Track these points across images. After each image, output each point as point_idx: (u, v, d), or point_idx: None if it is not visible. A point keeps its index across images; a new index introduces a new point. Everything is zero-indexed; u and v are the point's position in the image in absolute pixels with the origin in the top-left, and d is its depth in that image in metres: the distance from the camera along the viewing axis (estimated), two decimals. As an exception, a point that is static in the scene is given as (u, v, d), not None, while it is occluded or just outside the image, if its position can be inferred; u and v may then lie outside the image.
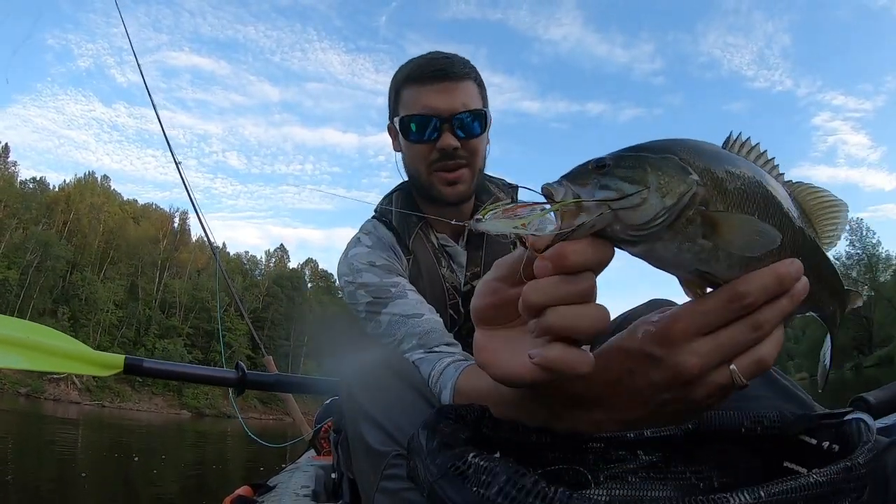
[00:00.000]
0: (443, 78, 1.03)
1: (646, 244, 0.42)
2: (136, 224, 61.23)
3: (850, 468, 0.42)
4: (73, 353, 1.46)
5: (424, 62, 1.06)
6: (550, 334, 0.43)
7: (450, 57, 1.07)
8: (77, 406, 38.09)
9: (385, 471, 0.70)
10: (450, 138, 1.03)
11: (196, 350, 53.28)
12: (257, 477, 1.85)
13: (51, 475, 6.95)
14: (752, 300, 0.43)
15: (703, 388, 0.46)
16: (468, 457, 0.43)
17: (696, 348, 0.44)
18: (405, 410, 0.76)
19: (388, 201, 1.19)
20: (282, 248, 73.44)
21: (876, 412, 0.70)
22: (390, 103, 1.13)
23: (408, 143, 1.07)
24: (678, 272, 0.45)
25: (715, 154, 0.46)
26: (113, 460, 9.87)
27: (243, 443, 4.87)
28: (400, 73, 1.10)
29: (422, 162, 1.07)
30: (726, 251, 0.42)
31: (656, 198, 0.41)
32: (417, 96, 1.04)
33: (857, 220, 48.68)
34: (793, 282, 0.44)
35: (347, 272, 1.06)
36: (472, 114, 1.05)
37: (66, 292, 51.20)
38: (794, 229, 0.48)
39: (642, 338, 0.47)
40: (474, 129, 1.05)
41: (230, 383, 1.70)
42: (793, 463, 0.55)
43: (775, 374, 0.79)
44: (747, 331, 0.44)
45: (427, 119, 1.03)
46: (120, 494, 6.50)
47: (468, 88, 1.06)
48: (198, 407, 47.30)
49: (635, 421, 0.51)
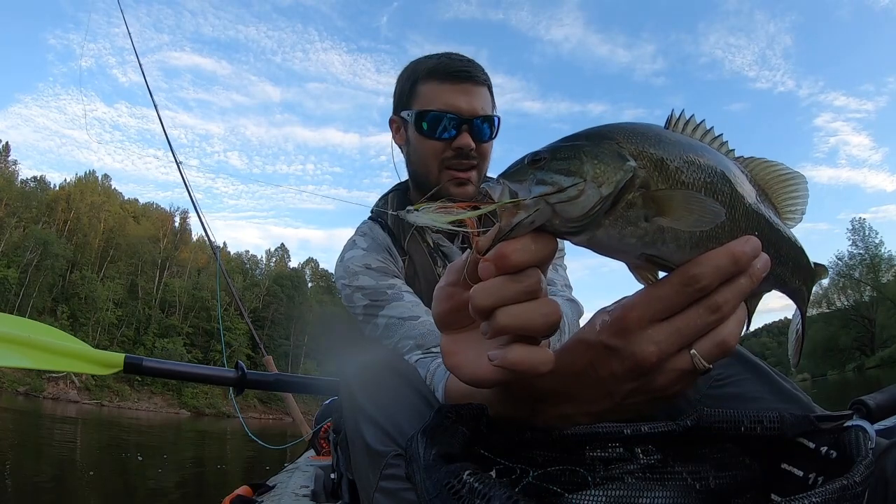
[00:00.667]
0: (466, 80, 1.05)
1: (587, 233, 0.42)
2: (136, 223, 61.19)
3: (847, 487, 0.42)
4: (74, 352, 1.46)
5: (448, 61, 1.07)
6: (503, 335, 0.43)
7: (471, 61, 1.08)
8: (76, 405, 38.04)
9: (384, 471, 0.70)
10: (468, 138, 1.05)
11: (196, 349, 53.24)
12: (257, 477, 1.85)
13: (49, 474, 6.94)
14: (706, 282, 0.42)
15: (665, 376, 0.45)
16: (463, 475, 0.43)
17: (652, 336, 0.44)
18: (404, 410, 0.76)
19: (383, 202, 1.20)
20: (282, 248, 73.50)
21: (875, 415, 0.71)
22: (402, 96, 1.12)
23: (420, 137, 1.07)
24: (626, 258, 0.45)
25: (654, 135, 0.45)
26: (111, 459, 9.87)
27: (243, 442, 4.87)
28: (420, 67, 1.10)
29: (434, 158, 1.07)
30: (673, 232, 0.42)
31: (593, 188, 0.40)
32: (438, 93, 1.05)
33: (860, 220, 48.38)
34: (749, 260, 0.43)
35: (344, 275, 1.06)
36: (488, 120, 1.07)
37: (65, 291, 51.20)
38: (747, 205, 0.47)
39: (600, 329, 0.46)
40: (489, 134, 1.08)
41: (230, 382, 1.70)
42: (790, 465, 0.55)
43: (775, 376, 0.79)
44: (705, 314, 0.43)
45: (448, 117, 1.04)
46: (119, 493, 6.50)
47: (485, 95, 1.08)
48: (197, 406, 47.27)
49: (604, 413, 0.51)
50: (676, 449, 0.61)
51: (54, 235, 51.27)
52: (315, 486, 1.50)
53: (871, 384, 23.17)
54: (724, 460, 0.59)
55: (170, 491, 6.75)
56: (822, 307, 48.84)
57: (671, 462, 0.61)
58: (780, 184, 0.53)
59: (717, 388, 0.80)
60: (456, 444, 0.50)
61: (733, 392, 0.79)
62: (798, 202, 0.54)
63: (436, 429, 0.52)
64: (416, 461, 0.49)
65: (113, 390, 45.98)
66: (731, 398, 0.78)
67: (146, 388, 48.16)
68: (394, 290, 1.01)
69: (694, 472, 0.58)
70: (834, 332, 46.12)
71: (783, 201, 0.53)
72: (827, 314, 48.15)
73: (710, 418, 0.59)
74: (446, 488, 0.43)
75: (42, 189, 58.26)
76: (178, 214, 64.74)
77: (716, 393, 0.80)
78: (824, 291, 48.80)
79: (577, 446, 0.56)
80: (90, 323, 49.40)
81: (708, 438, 0.60)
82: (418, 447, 0.50)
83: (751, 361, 0.82)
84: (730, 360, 0.82)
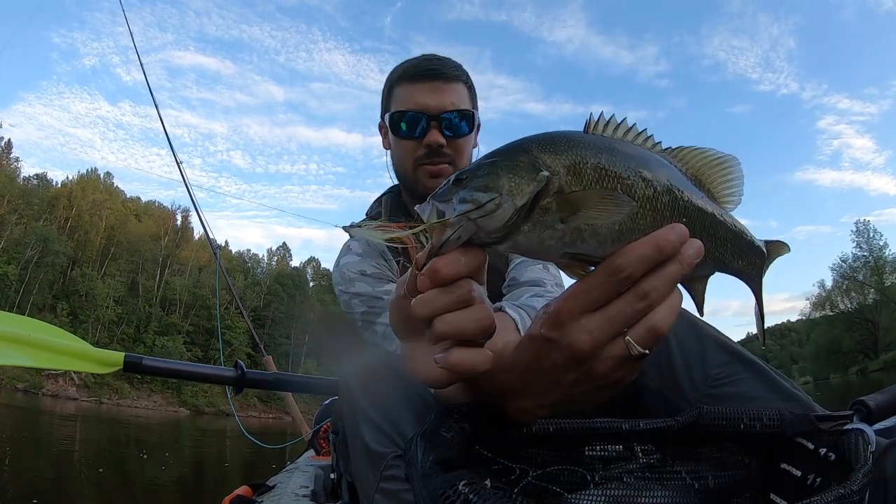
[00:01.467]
0: (434, 77, 1.06)
1: (509, 241, 0.46)
2: (137, 221, 61.24)
3: (844, 496, 0.42)
4: (74, 351, 1.46)
5: (417, 62, 1.09)
6: (442, 340, 0.47)
7: (442, 59, 1.10)
8: (75, 402, 38.07)
9: (384, 472, 0.70)
10: (436, 135, 1.05)
11: (196, 348, 53.30)
12: (257, 477, 1.85)
13: (48, 471, 6.95)
14: (629, 271, 0.44)
15: (603, 363, 0.47)
16: (459, 485, 0.44)
17: (585, 325, 0.46)
18: (404, 410, 0.76)
19: (377, 204, 1.21)
20: (284, 247, 73.54)
21: (875, 416, 0.71)
22: (383, 101, 1.16)
23: (396, 138, 1.09)
24: (551, 258, 0.48)
25: (568, 141, 0.47)
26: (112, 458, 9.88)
27: (243, 442, 4.93)
28: (393, 73, 1.13)
29: (408, 157, 1.09)
30: (591, 229, 0.45)
31: (508, 201, 0.44)
32: (409, 94, 1.07)
33: (864, 222, 47.89)
34: (676, 247, 0.44)
35: (340, 281, 1.07)
36: (459, 113, 1.07)
37: (66, 288, 51.25)
38: (673, 193, 0.49)
39: (539, 323, 0.49)
40: (461, 129, 1.08)
41: (229, 381, 1.71)
42: (789, 465, 0.55)
43: (774, 376, 0.79)
44: (634, 301, 0.45)
45: (416, 115, 1.05)
46: (119, 492, 6.50)
47: (458, 90, 1.09)
48: (196, 405, 47.30)
49: (556, 404, 0.54)
50: (676, 448, 0.61)
51: (55, 232, 51.30)
52: (315, 486, 1.50)
53: (874, 387, 22.79)
54: (723, 459, 0.60)
55: (170, 489, 6.75)
56: (826, 310, 48.52)
57: (670, 461, 0.61)
58: (712, 169, 0.55)
59: (717, 388, 0.80)
60: (455, 447, 0.51)
61: (732, 391, 0.79)
62: (733, 185, 0.55)
63: (435, 432, 0.52)
64: (414, 465, 0.49)
65: (112, 388, 46.01)
66: (731, 397, 0.78)
67: (146, 387, 48.18)
68: (390, 296, 1.01)
69: (693, 472, 0.59)
70: (837, 334, 45.73)
71: (718, 186, 0.55)
72: (830, 317, 47.77)
73: (710, 416, 0.59)
74: (442, 498, 0.44)
75: (44, 186, 58.32)
76: (179, 212, 64.85)
77: (715, 392, 0.80)
78: (827, 294, 48.49)
79: (575, 443, 0.56)
80: (90, 320, 49.45)
81: (707, 437, 0.60)
82: (416, 451, 0.50)
83: (750, 361, 0.82)
84: (729, 360, 0.82)
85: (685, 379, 0.83)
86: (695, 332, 0.88)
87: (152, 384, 48.21)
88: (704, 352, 0.84)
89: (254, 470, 7.59)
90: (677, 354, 0.86)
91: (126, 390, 46.89)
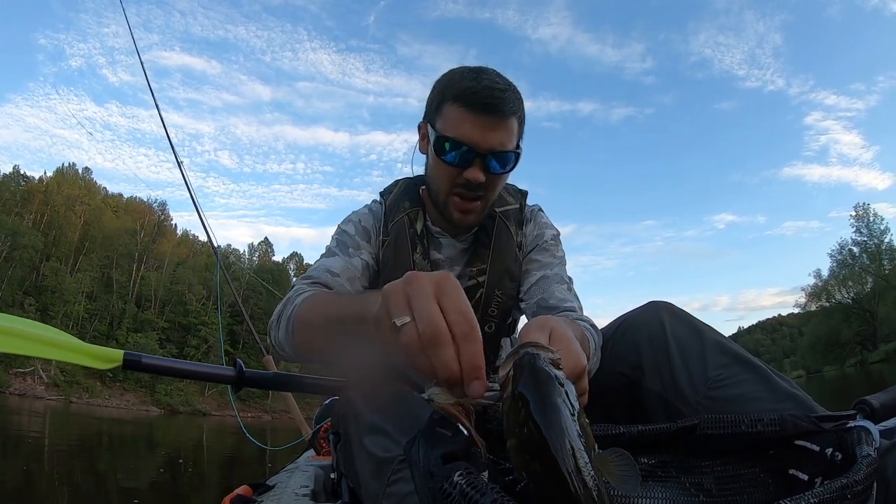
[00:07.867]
0: (493, 112, 1.00)
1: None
2: (115, 216, 59.41)
3: (847, 486, 0.44)
4: (73, 346, 1.44)
5: (478, 88, 1.01)
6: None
7: (503, 90, 1.02)
8: (41, 401, 36.74)
9: (391, 476, 0.67)
10: (478, 172, 1.03)
11: (171, 345, 51.89)
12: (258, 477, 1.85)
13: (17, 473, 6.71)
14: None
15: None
16: (454, 476, 0.45)
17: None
18: (404, 412, 0.73)
19: (393, 184, 1.25)
20: (266, 242, 72.14)
21: (879, 415, 0.71)
22: (430, 107, 1.10)
23: (436, 157, 1.06)
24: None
25: None
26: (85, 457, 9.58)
27: (243, 441, 4.74)
28: (451, 85, 1.05)
29: (445, 181, 1.07)
30: None
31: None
32: (460, 120, 1.02)
33: (864, 205, 44.48)
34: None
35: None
36: (506, 154, 1.04)
37: (36, 283, 49.42)
38: None
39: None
40: (503, 168, 1.06)
41: (228, 381, 1.68)
42: (797, 470, 0.56)
43: (773, 375, 0.80)
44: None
45: (463, 146, 1.02)
46: (115, 492, 6.30)
47: (511, 127, 1.04)
48: (171, 404, 46.11)
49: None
50: (679, 462, 0.62)
51: (24, 226, 49.42)
52: (315, 485, 1.50)
53: (874, 379, 22.04)
54: (726, 465, 0.60)
55: (164, 489, 6.59)
56: (822, 300, 45.79)
57: (674, 473, 0.62)
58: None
59: (717, 390, 0.82)
60: (456, 443, 0.50)
61: (733, 393, 0.80)
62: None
63: (435, 431, 0.52)
64: (416, 465, 0.49)
65: (83, 386, 44.46)
66: (731, 399, 0.79)
67: (118, 385, 46.76)
68: (350, 264, 1.12)
69: (697, 484, 0.59)
70: (834, 326, 42.80)
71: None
72: (827, 308, 44.98)
73: (710, 422, 0.60)
74: (439, 492, 0.44)
75: (16, 181, 56.07)
76: (156, 206, 63.17)
77: (715, 394, 0.81)
78: (824, 284, 45.78)
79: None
80: (59, 316, 47.77)
81: (711, 452, 0.61)
82: (418, 451, 0.50)
83: (749, 361, 0.83)
84: (729, 361, 0.83)
85: (685, 381, 0.85)
86: (695, 334, 0.89)
87: (125, 383, 46.80)
88: (704, 354, 0.86)
89: (255, 470, 7.40)
90: (677, 357, 0.87)
91: (97, 389, 45.40)
